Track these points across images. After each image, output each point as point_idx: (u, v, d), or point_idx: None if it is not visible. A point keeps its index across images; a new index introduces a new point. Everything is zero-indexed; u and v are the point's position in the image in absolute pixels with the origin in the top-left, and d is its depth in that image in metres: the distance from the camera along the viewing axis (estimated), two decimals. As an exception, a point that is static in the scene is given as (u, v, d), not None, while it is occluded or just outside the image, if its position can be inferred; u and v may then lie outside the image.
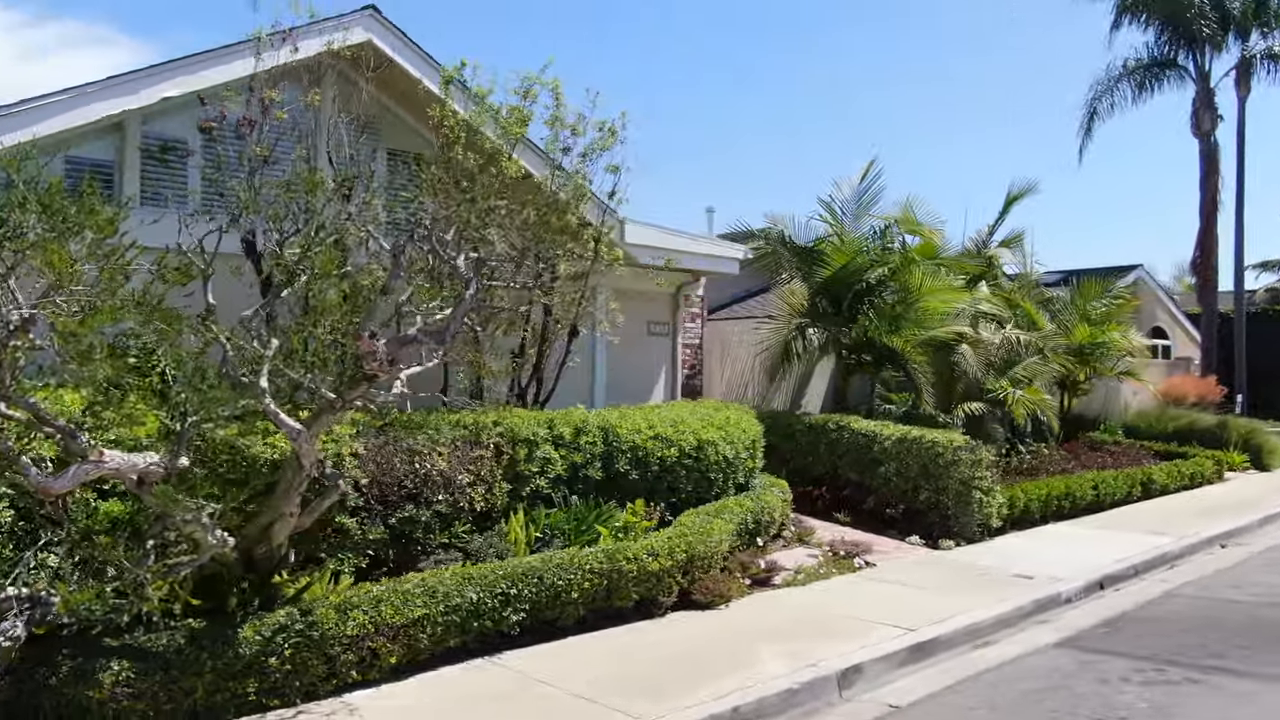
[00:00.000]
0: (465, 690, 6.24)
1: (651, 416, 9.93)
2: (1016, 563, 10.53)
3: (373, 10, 9.24)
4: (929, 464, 12.09)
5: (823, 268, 14.42)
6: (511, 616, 7.01)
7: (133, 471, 5.15)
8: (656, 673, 6.64)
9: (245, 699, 5.64)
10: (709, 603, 8.37)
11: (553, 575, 7.26)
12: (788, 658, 7.01)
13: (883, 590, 9.26)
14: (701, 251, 12.48)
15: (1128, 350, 18.61)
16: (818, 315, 14.78)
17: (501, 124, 9.13)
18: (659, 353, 13.24)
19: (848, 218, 15.04)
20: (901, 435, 12.40)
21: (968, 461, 11.92)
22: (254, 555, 6.40)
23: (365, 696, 6.05)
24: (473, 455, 8.21)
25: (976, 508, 11.86)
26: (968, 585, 9.51)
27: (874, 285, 14.77)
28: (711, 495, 10.10)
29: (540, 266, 9.28)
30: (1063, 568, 10.31)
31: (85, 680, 5.16)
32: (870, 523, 12.49)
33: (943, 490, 12.02)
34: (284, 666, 5.77)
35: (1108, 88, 29.48)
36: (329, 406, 6.05)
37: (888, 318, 14.69)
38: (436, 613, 6.51)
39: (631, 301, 12.68)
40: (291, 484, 5.94)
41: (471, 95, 9.32)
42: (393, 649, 6.28)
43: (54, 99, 7.39)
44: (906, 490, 12.38)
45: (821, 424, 13.34)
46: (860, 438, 12.81)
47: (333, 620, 6.02)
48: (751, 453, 10.70)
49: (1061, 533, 12.68)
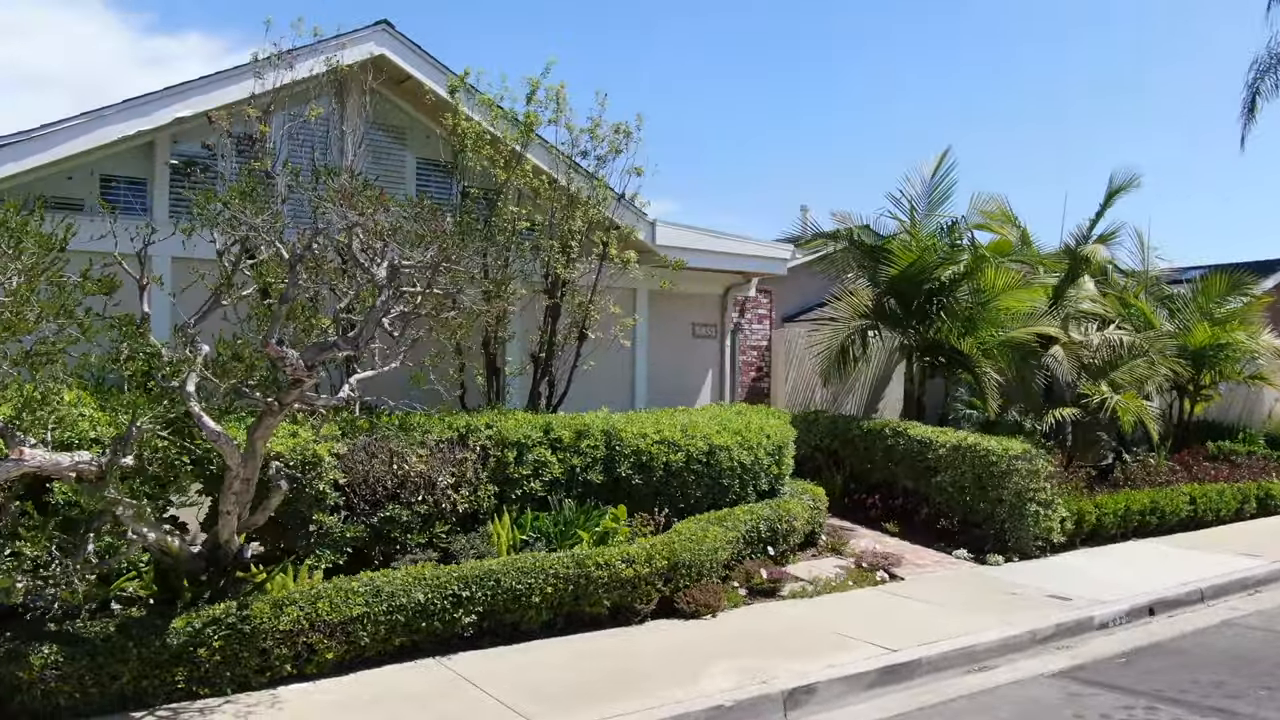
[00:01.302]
0: (395, 689, 6.34)
1: (664, 420, 9.79)
2: (1061, 582, 9.77)
3: (385, 25, 9.54)
4: (982, 473, 11.38)
5: (889, 266, 13.78)
6: (464, 618, 7.07)
7: (56, 470, 5.52)
8: (595, 681, 6.55)
9: (174, 687, 5.94)
10: (694, 612, 8.18)
11: (511, 579, 7.28)
12: (740, 673, 6.76)
13: (892, 606, 8.79)
14: (742, 252, 12.18)
15: (1254, 352, 16.86)
16: (884, 316, 14.16)
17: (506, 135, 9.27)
18: (706, 355, 13.01)
19: (919, 214, 14.31)
20: (956, 443, 11.73)
21: (1023, 471, 11.15)
22: (216, 551, 6.73)
23: (297, 690, 6.25)
24: (456, 457, 8.34)
25: (1032, 521, 11.07)
26: (990, 604, 8.89)
27: (947, 284, 14.03)
28: (727, 501, 9.86)
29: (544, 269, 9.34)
30: (1114, 590, 9.49)
31: (17, 661, 5.57)
32: (921, 534, 11.89)
33: (997, 502, 11.30)
34: (214, 657, 6.03)
35: (1269, 66, 26.81)
36: (269, 410, 6.30)
37: (961, 319, 13.93)
38: (379, 611, 6.66)
39: (673, 303, 12.57)
40: (227, 484, 6.21)
41: (478, 103, 9.48)
42: (330, 645, 6.46)
43: (74, 122, 8.04)
44: (961, 501, 11.71)
45: (878, 430, 12.80)
46: (915, 444, 12.21)
47: (267, 615, 6.26)
48: (776, 459, 10.37)
49: (1136, 551, 11.66)
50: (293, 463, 7.45)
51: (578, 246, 9.64)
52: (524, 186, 9.57)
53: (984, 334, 13.88)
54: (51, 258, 5.60)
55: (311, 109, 8.74)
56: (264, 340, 5.58)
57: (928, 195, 14.24)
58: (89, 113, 8.08)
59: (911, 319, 14.12)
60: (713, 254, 11.87)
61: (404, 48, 9.63)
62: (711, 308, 13.00)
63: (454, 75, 9.60)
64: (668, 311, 12.49)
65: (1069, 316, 15.68)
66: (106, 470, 5.64)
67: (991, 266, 13.55)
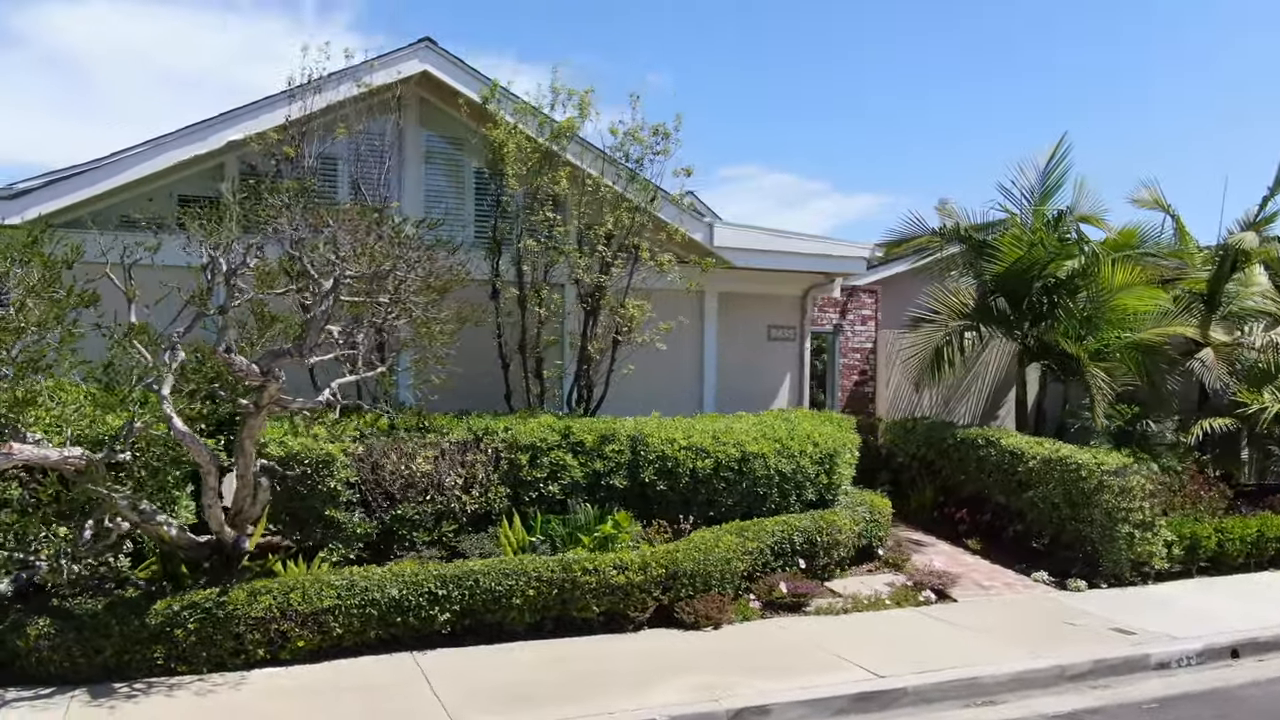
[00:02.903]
0: (354, 680, 6.62)
1: (698, 426, 9.63)
2: (1139, 614, 8.77)
3: (428, 41, 9.94)
4: (1071, 489, 10.39)
5: (995, 262, 12.83)
6: (440, 616, 7.28)
7: (45, 462, 6.20)
8: (549, 685, 6.56)
9: (154, 663, 6.51)
10: (693, 623, 8.01)
11: (491, 580, 7.42)
12: (696, 689, 6.57)
13: (921, 629, 8.22)
14: (811, 251, 11.67)
15: None
16: (990, 316, 13.20)
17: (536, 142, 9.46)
18: (782, 358, 12.59)
19: (1030, 205, 13.22)
20: (1048, 455, 10.75)
21: (1114, 488, 10.07)
22: (219, 540, 7.31)
23: (265, 674, 6.68)
24: (466, 459, 8.59)
25: (1125, 545, 9.99)
26: (1034, 634, 8.12)
27: (1063, 282, 12.90)
28: (764, 511, 9.54)
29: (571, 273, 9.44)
30: (1199, 626, 8.43)
31: (18, 631, 6.32)
32: (1006, 553, 11.02)
33: (1087, 521, 10.28)
34: (190, 638, 6.56)
35: None
36: (250, 412, 6.79)
37: (1079, 319, 12.77)
38: (351, 604, 6.99)
39: (746, 305, 12.29)
40: (203, 480, 6.73)
41: (514, 110, 9.71)
42: (302, 634, 6.85)
43: (140, 149, 8.96)
44: (1052, 519, 10.74)
45: (971, 439, 11.95)
46: (1006, 455, 11.30)
47: (241, 602, 6.73)
48: (825, 468, 9.91)
49: (1260, 584, 10.25)
50: (306, 460, 7.98)
51: (610, 251, 9.64)
52: (559, 192, 9.70)
53: (1107, 335, 12.66)
54: (55, 273, 6.34)
55: (339, 129, 9.24)
56: (212, 348, 6.01)
57: (1040, 185, 13.13)
58: (150, 141, 8.98)
59: (1023, 319, 13.09)
60: (777, 254, 11.50)
61: (446, 62, 10.00)
62: (789, 309, 12.58)
63: (484, 86, 9.87)
64: (740, 313, 12.22)
65: (1230, 314, 13.98)
66: (88, 465, 6.28)
67: (1107, 262, 12.31)
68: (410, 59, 9.90)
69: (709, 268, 10.69)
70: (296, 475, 7.96)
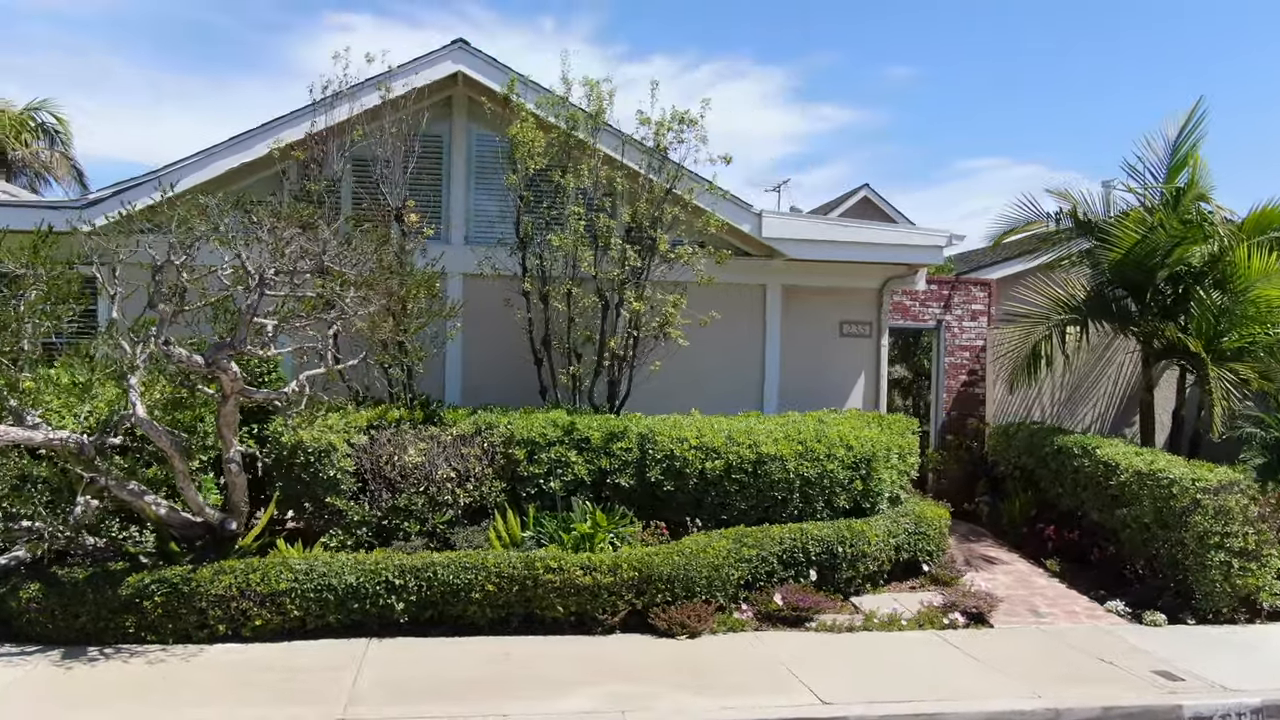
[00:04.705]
0: (294, 661, 6.83)
1: (717, 425, 9.20)
2: (1203, 658, 7.50)
3: (461, 43, 10.07)
4: (1163, 508, 9.03)
5: (1110, 249, 11.38)
6: (397, 605, 7.40)
7: (31, 443, 6.88)
8: (472, 682, 6.49)
9: (126, 631, 7.06)
10: (667, 631, 7.66)
11: (449, 573, 7.46)
12: (613, 699, 6.29)
13: (919, 656, 7.42)
14: (876, 241, 10.73)
15: None
16: (1104, 310, 11.73)
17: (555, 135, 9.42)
18: (856, 356, 11.72)
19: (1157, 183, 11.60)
20: (1143, 468, 9.41)
21: (1209, 510, 8.65)
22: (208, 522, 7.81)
23: (223, 649, 7.05)
24: (461, 452, 8.66)
25: (1220, 576, 8.56)
26: (1056, 672, 7.13)
27: (1195, 270, 11.25)
28: (784, 517, 8.95)
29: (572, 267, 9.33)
30: (1273, 678, 7.09)
31: (14, 594, 7.05)
32: (1089, 578, 9.78)
33: (1179, 545, 8.89)
34: (157, 610, 7.05)
35: None
36: (220, 401, 7.23)
37: (1213, 312, 11.09)
38: (307, 588, 7.25)
39: (815, 299, 11.60)
40: (171, 463, 7.21)
41: (539, 103, 9.69)
42: (260, 613, 7.18)
43: (192, 160, 9.73)
44: (1144, 541, 9.38)
45: (1068, 447, 10.68)
46: (1101, 467, 10.01)
47: (205, 580, 7.15)
48: (861, 473, 9.14)
49: (1403, 632, 8.44)
50: (310, 450, 8.37)
51: (629, 246, 9.39)
52: (582, 184, 9.58)
53: (1248, 330, 10.89)
54: (58, 271, 7.04)
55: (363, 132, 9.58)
56: (154, 342, 6.43)
57: (1167, 161, 11.49)
58: (202, 151, 9.73)
59: (1147, 313, 11.54)
60: (836, 244, 10.73)
61: (480, 62, 10.10)
62: (864, 303, 11.73)
63: (506, 77, 9.86)
64: (808, 308, 11.53)
65: None
66: (78, 448, 6.90)
67: (1241, 247, 10.59)
68: (444, 60, 10.11)
69: (775, 258, 10.12)
70: (301, 463, 8.39)
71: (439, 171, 10.88)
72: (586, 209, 9.60)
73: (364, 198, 10.30)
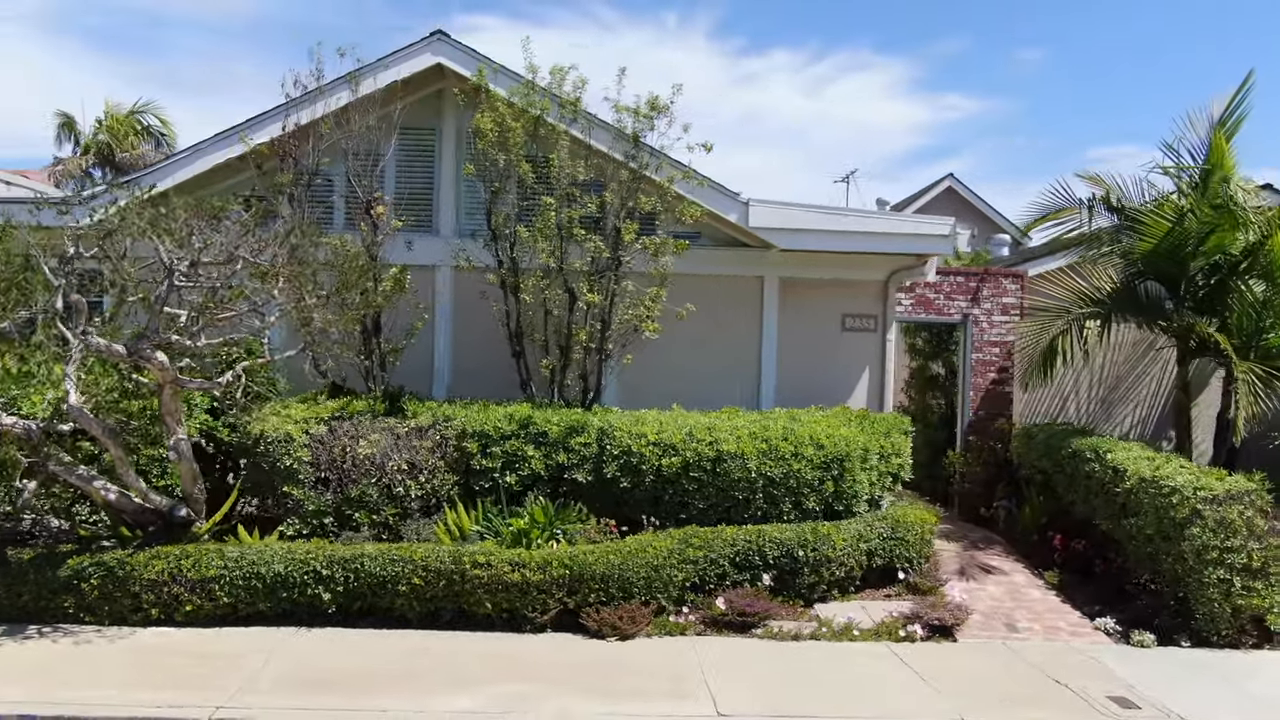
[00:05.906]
0: (216, 647, 6.92)
1: (676, 420, 8.90)
2: (1180, 687, 6.86)
3: (440, 35, 10.01)
4: (1163, 518, 8.27)
5: (1141, 238, 10.52)
6: (324, 595, 7.43)
7: (-15, 428, 7.19)
8: (373, 676, 6.44)
9: (65, 612, 7.29)
10: (597, 631, 7.45)
11: (376, 565, 7.44)
12: (503, 699, 6.14)
13: (857, 670, 6.98)
14: (873, 230, 10.14)
15: None
16: (1132, 303, 10.86)
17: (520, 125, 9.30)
18: (861, 351, 11.12)
19: (1198, 165, 10.64)
20: (1149, 474, 8.65)
21: (1209, 521, 7.87)
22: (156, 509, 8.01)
23: (153, 632, 7.21)
24: (413, 444, 8.64)
25: (1218, 595, 7.79)
26: (999, 693, 6.60)
27: (1234, 260, 10.31)
28: (745, 518, 8.59)
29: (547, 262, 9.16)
30: (1254, 714, 6.39)
31: (-34, 572, 7.40)
32: (1088, 591, 9.09)
33: (1178, 560, 8.13)
34: (94, 592, 7.27)
35: None
36: (158, 388, 7.41)
37: (1255, 306, 10.15)
38: (236, 576, 7.34)
39: (815, 292, 11.11)
40: (111, 451, 7.41)
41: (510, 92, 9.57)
42: (191, 599, 7.32)
43: (181, 155, 10.01)
44: (1147, 554, 8.63)
45: (1081, 451, 9.92)
46: (1110, 473, 9.25)
47: (140, 564, 7.33)
48: (833, 474, 8.67)
49: None
50: (270, 439, 8.51)
51: (580, 234, 9.18)
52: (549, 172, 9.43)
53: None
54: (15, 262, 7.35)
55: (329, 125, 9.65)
56: (73, 332, 6.62)
57: (1207, 143, 10.52)
58: (191, 147, 10.01)
59: (1181, 306, 10.63)
60: (831, 234, 10.20)
61: (459, 53, 10.04)
62: (869, 296, 11.15)
63: (476, 66, 9.79)
64: (808, 301, 11.04)
65: None
66: (8, 431, 7.18)
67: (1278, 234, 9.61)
68: (423, 53, 10.11)
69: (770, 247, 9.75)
70: (261, 452, 8.54)
71: (431, 165, 10.92)
72: (560, 200, 9.44)
73: (354, 193, 10.40)
